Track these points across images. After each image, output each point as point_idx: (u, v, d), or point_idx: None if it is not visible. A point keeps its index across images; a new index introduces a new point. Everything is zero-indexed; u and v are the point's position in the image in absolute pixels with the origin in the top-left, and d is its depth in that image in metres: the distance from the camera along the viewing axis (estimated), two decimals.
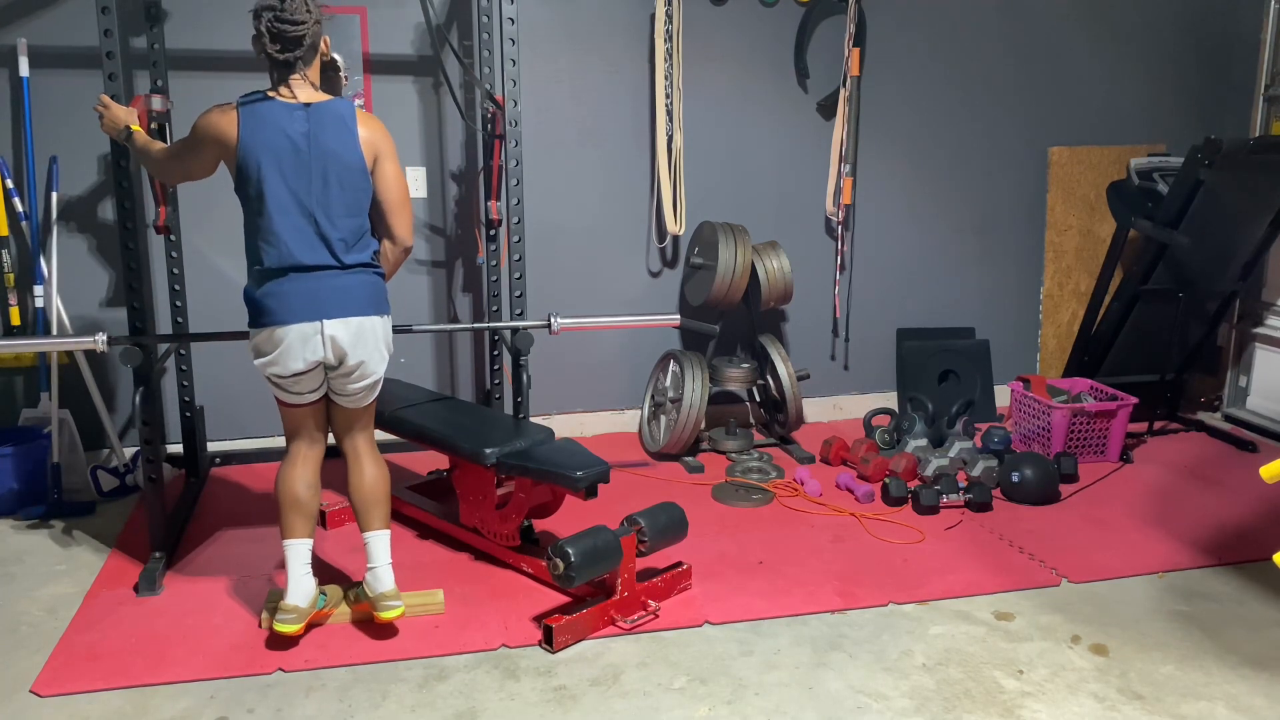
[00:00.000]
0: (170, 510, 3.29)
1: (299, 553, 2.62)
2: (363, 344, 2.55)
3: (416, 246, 3.97)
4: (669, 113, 4.02)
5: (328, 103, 2.52)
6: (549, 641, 2.58)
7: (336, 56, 2.78)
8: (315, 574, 2.65)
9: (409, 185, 3.89)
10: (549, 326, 3.20)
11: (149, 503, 2.98)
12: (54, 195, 3.55)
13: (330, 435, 2.73)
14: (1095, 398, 4.15)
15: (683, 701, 2.38)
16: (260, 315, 2.50)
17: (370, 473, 2.71)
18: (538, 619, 2.72)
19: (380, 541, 2.67)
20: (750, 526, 3.38)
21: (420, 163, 3.92)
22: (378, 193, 2.60)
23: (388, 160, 2.60)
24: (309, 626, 2.63)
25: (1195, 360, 4.48)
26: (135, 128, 2.71)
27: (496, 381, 3.88)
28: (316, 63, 2.54)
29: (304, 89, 2.49)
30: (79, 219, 3.66)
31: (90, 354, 3.67)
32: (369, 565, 2.65)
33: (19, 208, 3.52)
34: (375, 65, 3.80)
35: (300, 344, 2.48)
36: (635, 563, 2.75)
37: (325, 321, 2.48)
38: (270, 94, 2.48)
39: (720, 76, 4.13)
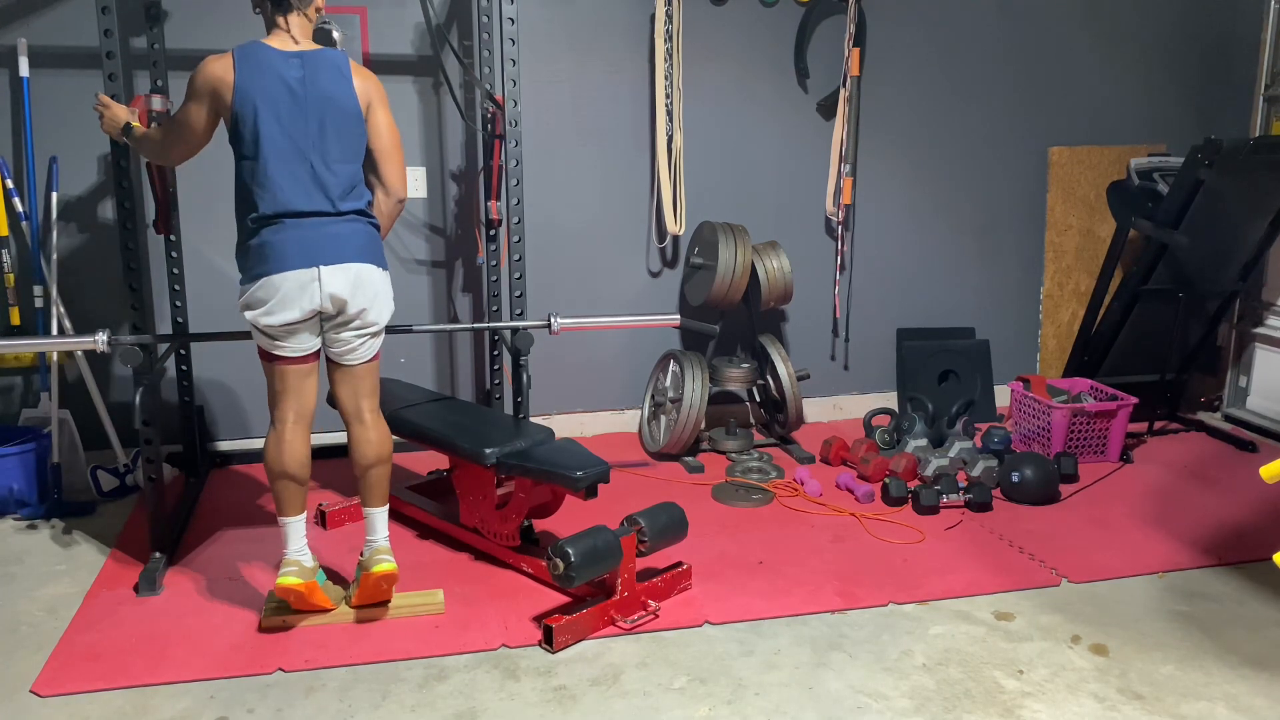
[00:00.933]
0: (170, 510, 3.29)
1: (297, 529, 2.64)
2: (362, 291, 2.54)
3: (416, 246, 3.99)
4: (669, 113, 4.02)
5: (322, 50, 2.54)
6: (549, 641, 2.58)
7: (335, 31, 2.82)
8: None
9: (409, 186, 3.90)
10: (549, 326, 3.20)
11: (149, 503, 2.98)
12: (54, 195, 3.55)
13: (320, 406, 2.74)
14: (1095, 398, 4.15)
15: (683, 701, 2.38)
16: (255, 264, 2.48)
17: (376, 440, 2.70)
18: (538, 619, 2.72)
19: (381, 517, 2.71)
20: (750, 526, 3.38)
21: (420, 163, 3.92)
22: (371, 140, 2.61)
23: (381, 108, 2.62)
24: (312, 610, 2.64)
25: (1195, 360, 4.48)
26: (134, 123, 2.72)
27: (496, 381, 3.88)
28: (313, 11, 2.56)
29: (300, 35, 2.52)
30: (79, 219, 3.66)
31: (90, 354, 3.67)
32: (369, 538, 2.68)
33: (19, 208, 3.52)
34: (375, 65, 3.80)
35: (297, 292, 2.46)
36: (635, 563, 2.75)
37: (322, 268, 2.47)
38: (266, 40, 2.50)
39: (720, 76, 4.14)
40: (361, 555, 2.71)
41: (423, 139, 3.91)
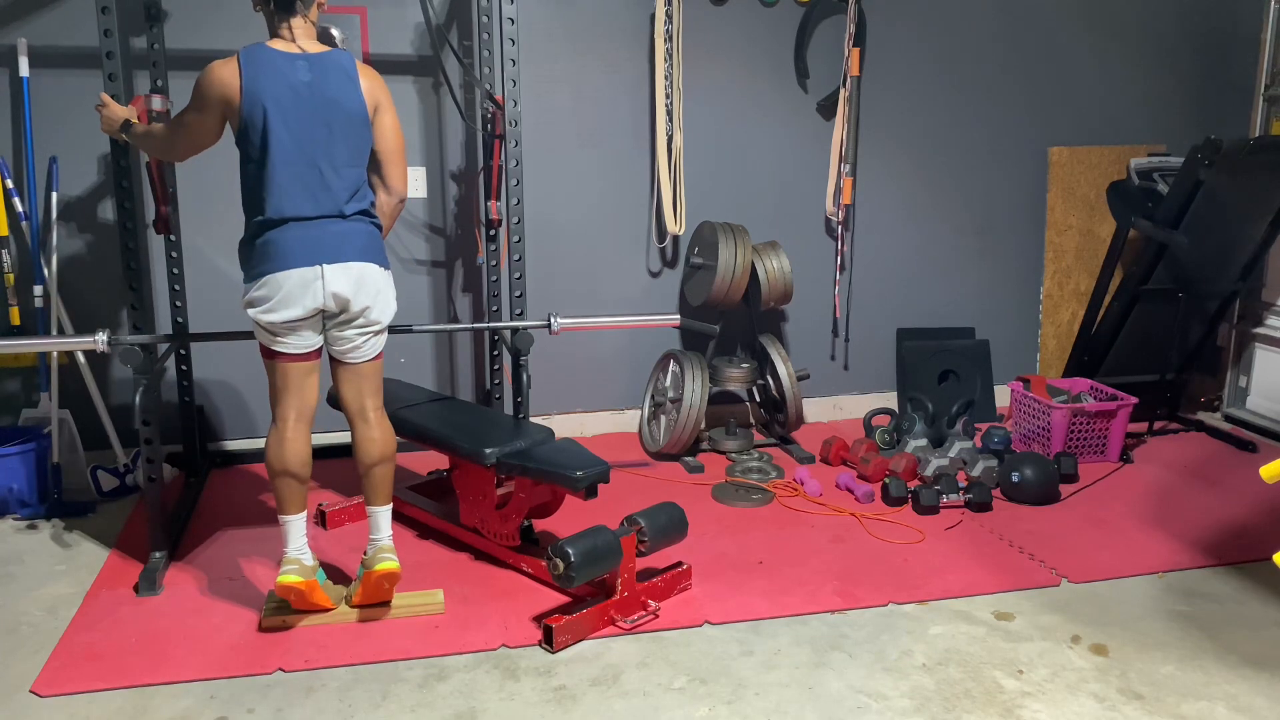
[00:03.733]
0: (170, 510, 3.29)
1: (298, 528, 2.64)
2: (364, 290, 2.54)
3: (416, 246, 3.99)
4: (669, 113, 4.02)
5: (328, 52, 2.53)
6: (549, 641, 2.58)
7: (334, 31, 2.82)
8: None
9: (409, 186, 3.90)
10: (549, 326, 3.20)
11: (149, 503, 2.98)
12: (54, 195, 3.55)
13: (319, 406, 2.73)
14: (1095, 398, 4.15)
15: (683, 701, 2.38)
16: (259, 263, 2.49)
17: (381, 435, 2.71)
18: (538, 619, 2.72)
19: (385, 515, 2.71)
20: (750, 526, 3.38)
21: (420, 163, 3.92)
22: (376, 142, 2.61)
23: (386, 111, 2.62)
24: (312, 610, 2.65)
25: (1195, 360, 4.48)
26: (134, 120, 2.71)
27: (496, 381, 3.88)
28: (315, 12, 2.55)
29: (304, 38, 2.50)
30: (79, 219, 3.66)
31: (90, 354, 3.67)
32: (372, 536, 2.68)
33: (19, 208, 3.52)
34: (375, 65, 3.77)
35: (300, 289, 2.47)
36: (635, 563, 2.75)
37: (325, 266, 2.48)
38: (271, 44, 2.49)
39: (720, 76, 4.14)
40: (365, 554, 2.71)
41: (423, 139, 3.91)
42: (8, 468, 3.39)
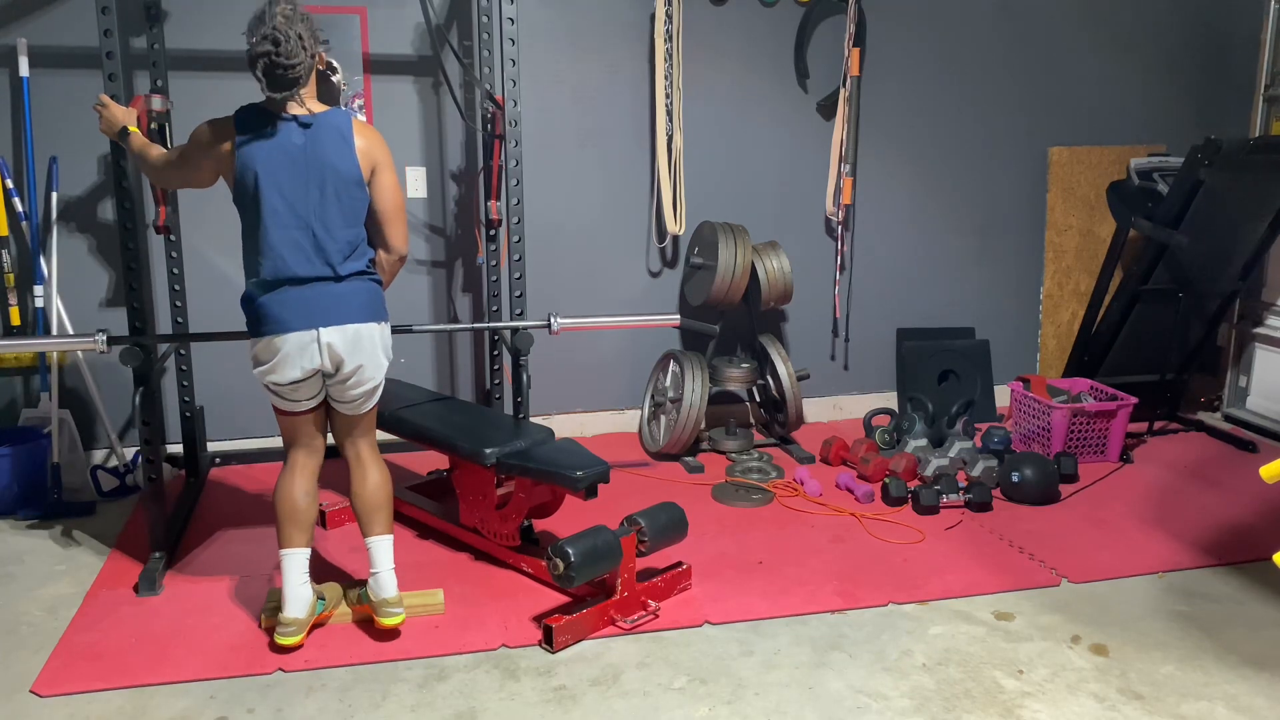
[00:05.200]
0: (170, 510, 3.29)
1: (296, 563, 2.61)
2: (359, 350, 2.54)
3: (417, 246, 3.99)
4: (669, 113, 4.02)
5: (324, 114, 2.50)
6: (549, 641, 2.58)
7: (333, 62, 2.77)
8: (315, 572, 2.65)
9: (409, 186, 3.91)
10: (549, 326, 3.20)
11: (149, 503, 2.98)
12: (54, 195, 3.56)
13: (330, 438, 2.73)
14: (1095, 398, 4.15)
15: (683, 701, 2.38)
16: (258, 325, 2.50)
17: (373, 478, 2.71)
18: (538, 619, 2.72)
19: (383, 546, 2.67)
20: (750, 526, 3.38)
21: (420, 163, 3.92)
22: (374, 203, 2.59)
23: (384, 171, 2.59)
24: (310, 628, 2.63)
25: (1195, 360, 4.48)
26: (133, 129, 2.70)
27: (496, 381, 3.88)
28: (313, 79, 2.53)
29: (300, 104, 2.48)
30: (79, 219, 3.66)
31: (90, 354, 3.67)
32: (372, 570, 2.65)
33: (19, 208, 3.52)
34: (375, 65, 3.80)
35: (298, 352, 2.48)
36: (635, 563, 2.75)
37: (321, 329, 2.48)
38: (269, 104, 2.47)
39: (720, 76, 4.14)
40: (369, 585, 2.67)
41: (423, 139, 3.91)
42: (7, 468, 3.39)
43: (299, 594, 2.58)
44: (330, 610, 2.70)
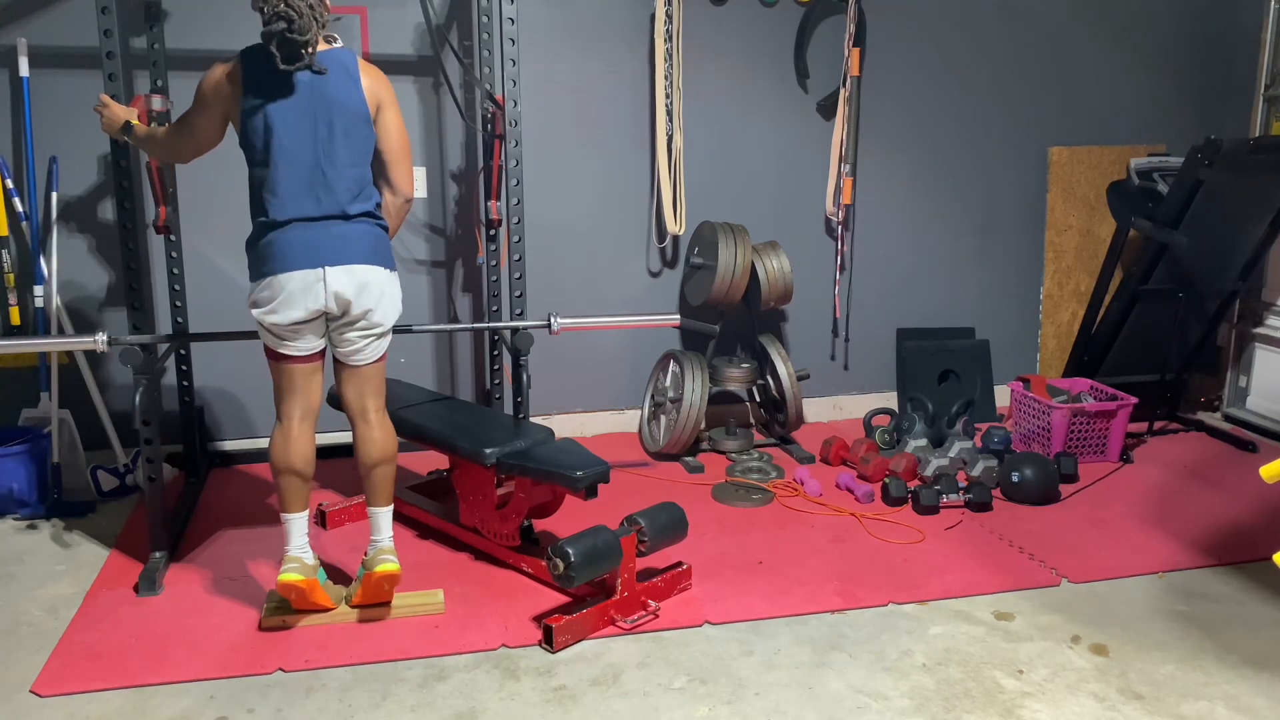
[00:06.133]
0: (170, 510, 3.29)
1: (300, 526, 2.64)
2: (367, 293, 2.53)
3: (416, 246, 3.99)
4: (669, 113, 4.02)
5: (330, 51, 2.52)
6: (549, 641, 2.58)
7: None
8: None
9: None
10: (549, 326, 3.20)
11: (149, 503, 2.98)
12: (54, 195, 3.56)
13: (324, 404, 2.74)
14: (1095, 398, 4.15)
15: (683, 701, 2.38)
16: (262, 264, 2.49)
17: (381, 436, 2.70)
18: (538, 619, 2.72)
19: (385, 516, 2.70)
20: (750, 526, 3.38)
21: (420, 163, 3.92)
22: (379, 142, 2.60)
23: (389, 109, 2.61)
24: (312, 610, 2.65)
25: (1195, 360, 4.48)
26: (134, 121, 2.71)
27: (496, 381, 3.88)
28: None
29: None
30: (79, 219, 3.66)
31: (90, 354, 3.67)
32: (373, 537, 2.68)
33: (19, 208, 3.52)
34: (375, 65, 3.79)
35: (302, 292, 2.47)
36: (635, 563, 2.75)
37: (327, 269, 2.47)
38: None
39: (720, 76, 4.13)
40: (365, 555, 2.71)
41: (423, 139, 3.91)
42: (8, 468, 3.39)
43: (304, 548, 2.64)
44: (332, 601, 2.70)
